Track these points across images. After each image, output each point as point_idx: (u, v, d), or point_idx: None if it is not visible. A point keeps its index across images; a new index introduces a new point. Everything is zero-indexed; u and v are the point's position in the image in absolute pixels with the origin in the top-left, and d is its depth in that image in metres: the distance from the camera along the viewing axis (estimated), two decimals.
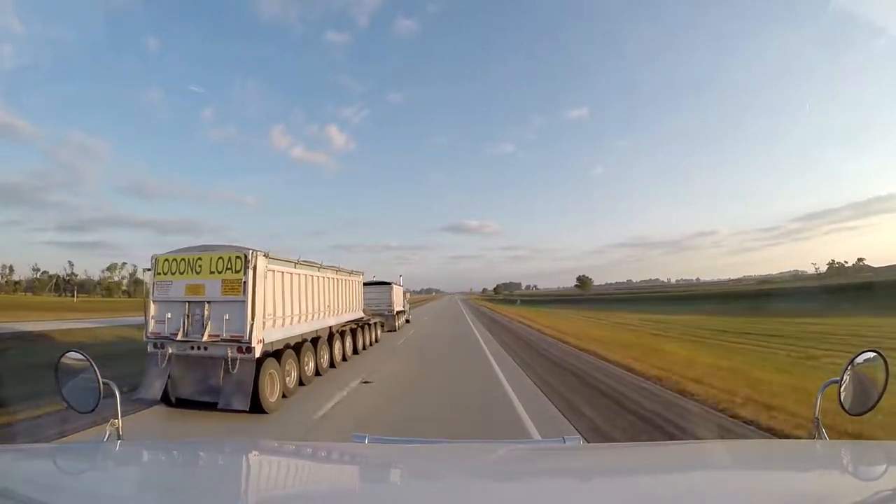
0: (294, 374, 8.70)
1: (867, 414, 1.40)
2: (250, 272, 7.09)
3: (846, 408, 1.40)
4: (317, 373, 10.03)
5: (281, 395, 7.91)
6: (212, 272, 7.27)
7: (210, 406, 7.27)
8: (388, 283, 23.58)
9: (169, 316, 7.51)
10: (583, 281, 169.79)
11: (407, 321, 27.85)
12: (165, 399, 7.43)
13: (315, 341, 10.08)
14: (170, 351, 7.45)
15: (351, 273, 13.79)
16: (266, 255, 7.55)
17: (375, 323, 17.31)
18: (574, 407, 7.48)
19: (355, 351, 13.69)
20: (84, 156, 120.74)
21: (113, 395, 1.46)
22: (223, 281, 7.19)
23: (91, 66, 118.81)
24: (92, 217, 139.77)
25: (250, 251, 7.17)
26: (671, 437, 5.72)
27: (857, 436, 4.33)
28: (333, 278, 11.81)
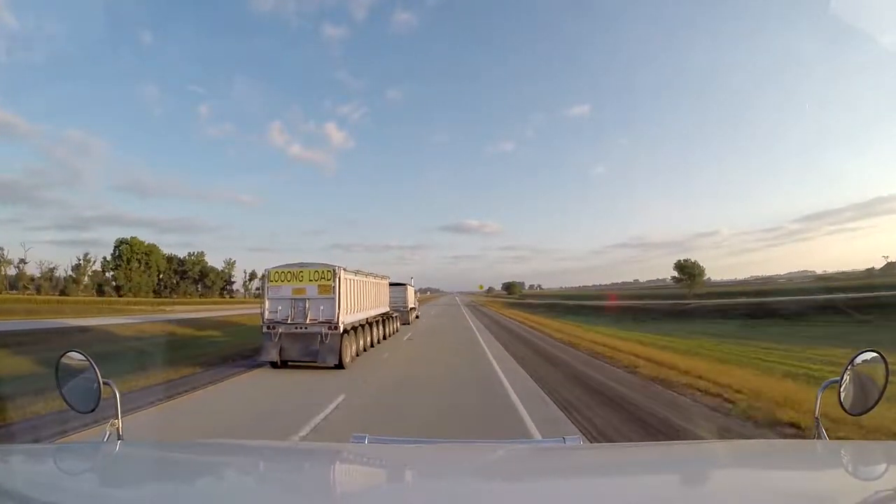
0: (355, 347, 12.98)
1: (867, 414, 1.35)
2: (337, 280, 11.44)
3: (846, 408, 1.39)
4: (364, 349, 14.29)
5: (351, 358, 12.19)
6: (310, 280, 11.59)
7: (301, 366, 11.58)
8: (404, 284, 28.02)
9: (279, 308, 11.78)
10: (690, 272, 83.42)
11: (416, 317, 32.26)
12: (272, 363, 11.72)
13: (363, 326, 14.35)
14: (280, 331, 11.70)
15: (382, 277, 18.09)
16: (344, 269, 11.86)
17: (395, 316, 21.64)
18: None
19: (384, 336, 17.97)
20: (81, 154, 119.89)
21: (113, 395, 1.44)
22: (319, 286, 11.51)
23: (87, 63, 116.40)
24: (90, 215, 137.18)
25: (336, 267, 11.53)
26: None
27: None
28: (373, 282, 16.11)
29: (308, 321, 11.49)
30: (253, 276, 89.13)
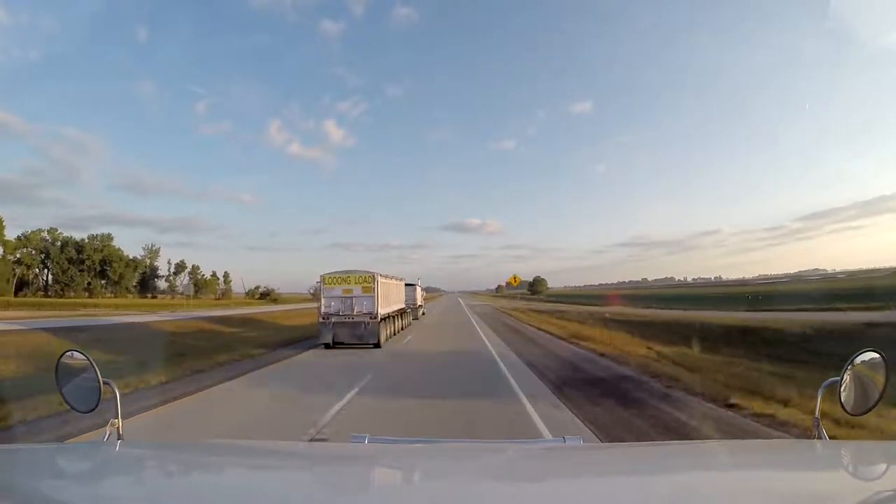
0: (387, 332, 17.30)
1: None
2: (376, 283, 15.79)
3: (846, 408, 1.39)
4: (390, 336, 18.60)
5: (384, 340, 16.51)
6: (356, 283, 15.93)
7: (349, 346, 15.78)
8: (413, 285, 32.38)
9: (333, 304, 16.08)
10: None
11: (423, 313, 36.65)
12: (326, 345, 16.01)
13: (391, 317, 18.67)
14: (332, 320, 15.98)
15: (400, 280, 22.52)
16: (380, 275, 16.20)
17: (409, 311, 26.10)
18: None
19: (401, 328, 22.32)
20: (79, 152, 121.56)
21: (113, 395, 1.45)
22: (362, 287, 15.85)
23: (84, 61, 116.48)
24: (88, 214, 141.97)
25: (375, 273, 15.87)
26: None
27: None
28: (396, 283, 20.49)
29: (355, 313, 15.82)
30: (181, 267, 69.28)
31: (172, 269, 69.42)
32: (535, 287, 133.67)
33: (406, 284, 29.91)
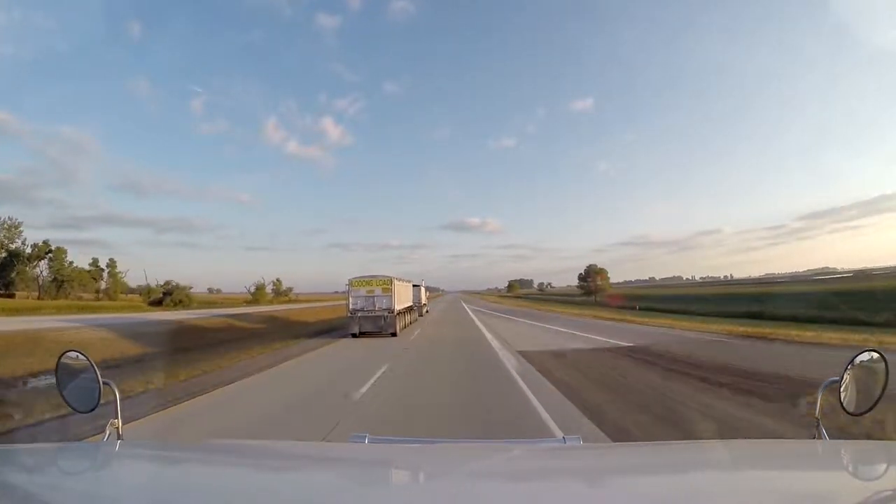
0: (401, 324, 21.67)
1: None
2: (393, 285, 20.20)
3: (847, 408, 1.40)
4: (404, 327, 22.91)
5: (399, 330, 20.83)
6: (377, 285, 20.35)
7: (373, 334, 20.04)
8: (419, 285, 36.60)
9: (358, 302, 20.41)
10: None
11: (426, 311, 40.92)
12: (353, 334, 20.32)
13: (404, 312, 23.03)
14: (359, 315, 20.26)
15: (409, 281, 27.08)
16: (396, 278, 20.60)
17: (415, 308, 30.53)
18: None
19: (410, 322, 26.69)
20: (76, 153, 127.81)
21: (113, 395, 1.45)
22: (382, 288, 20.27)
23: (79, 60, 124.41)
24: (86, 215, 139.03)
25: (392, 277, 20.29)
26: None
27: None
28: (406, 284, 25.03)
29: (376, 309, 20.17)
30: (43, 250, 46.60)
31: (29, 251, 46.05)
32: (590, 282, 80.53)
33: (413, 286, 34.36)
